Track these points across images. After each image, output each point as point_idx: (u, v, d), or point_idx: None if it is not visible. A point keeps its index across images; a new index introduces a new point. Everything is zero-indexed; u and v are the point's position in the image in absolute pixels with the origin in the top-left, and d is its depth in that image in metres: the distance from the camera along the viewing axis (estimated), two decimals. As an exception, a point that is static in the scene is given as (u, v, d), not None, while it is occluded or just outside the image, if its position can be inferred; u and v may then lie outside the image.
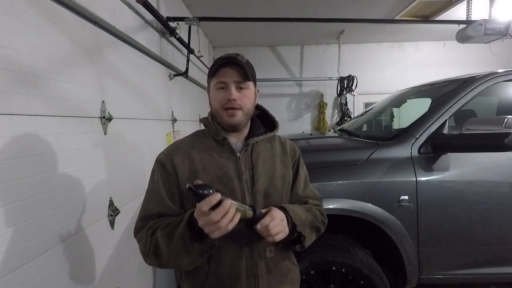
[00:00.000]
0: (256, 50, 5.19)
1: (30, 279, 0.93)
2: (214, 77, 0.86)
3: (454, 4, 3.38)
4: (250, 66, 0.88)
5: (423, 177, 1.60)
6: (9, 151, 0.88)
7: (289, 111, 5.35)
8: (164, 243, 0.75)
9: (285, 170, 0.95)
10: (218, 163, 0.87)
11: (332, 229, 1.78)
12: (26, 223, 0.92)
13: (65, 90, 1.15)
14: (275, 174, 0.92)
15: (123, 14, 1.75)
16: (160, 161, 0.89)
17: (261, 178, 0.89)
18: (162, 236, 0.76)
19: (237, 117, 0.86)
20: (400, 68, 5.30)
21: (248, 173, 0.88)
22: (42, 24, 1.05)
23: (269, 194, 0.89)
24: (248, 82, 0.87)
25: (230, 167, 0.87)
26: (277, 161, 0.94)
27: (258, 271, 0.86)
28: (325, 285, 1.63)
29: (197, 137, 0.95)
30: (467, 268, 1.68)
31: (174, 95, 2.73)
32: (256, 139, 0.91)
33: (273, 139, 0.99)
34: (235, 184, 0.86)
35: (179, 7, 3.11)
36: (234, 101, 0.84)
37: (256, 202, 0.87)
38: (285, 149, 0.99)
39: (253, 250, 0.86)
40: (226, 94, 0.85)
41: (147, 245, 0.79)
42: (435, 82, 2.20)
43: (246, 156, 0.89)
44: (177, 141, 0.96)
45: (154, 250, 0.77)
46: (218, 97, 0.86)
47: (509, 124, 1.41)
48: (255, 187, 0.87)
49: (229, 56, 0.86)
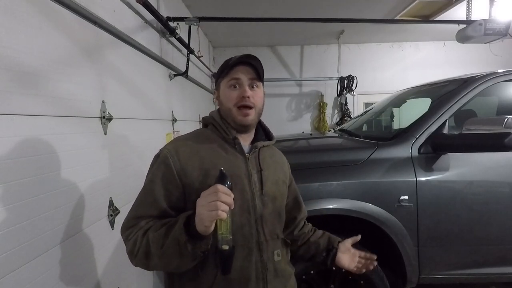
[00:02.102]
0: (256, 50, 5.18)
1: (30, 279, 0.93)
2: (227, 76, 0.86)
3: (454, 4, 3.38)
4: (261, 66, 0.87)
5: (423, 177, 1.60)
6: (9, 151, 0.88)
7: (289, 111, 5.34)
8: (156, 245, 0.72)
9: (284, 178, 0.98)
10: (228, 161, 0.84)
11: (332, 229, 1.79)
12: (26, 223, 0.92)
13: (65, 90, 1.15)
14: (279, 180, 0.93)
15: (123, 14, 1.75)
16: (163, 156, 0.82)
17: (268, 181, 0.89)
18: (154, 237, 0.73)
19: (250, 117, 0.85)
20: (400, 68, 5.29)
21: (256, 175, 0.87)
22: (42, 24, 1.05)
23: (276, 197, 0.90)
24: (259, 82, 0.87)
25: (241, 167, 0.85)
26: (278, 168, 0.96)
27: (267, 275, 0.85)
28: (325, 285, 1.63)
29: (203, 134, 0.90)
30: (467, 268, 1.68)
31: (174, 95, 2.73)
32: (263, 143, 0.92)
33: (272, 148, 1.00)
34: (245, 184, 0.84)
35: (179, 7, 3.11)
36: (248, 99, 0.83)
37: (265, 204, 0.87)
38: (282, 159, 1.02)
39: (262, 252, 0.85)
40: (240, 91, 0.84)
41: (136, 245, 0.75)
42: (435, 82, 2.20)
43: (254, 158, 0.89)
44: (181, 137, 0.91)
45: (144, 251, 0.74)
46: (232, 95, 0.85)
47: (509, 124, 1.41)
48: (264, 189, 0.87)
49: (242, 55, 0.85)
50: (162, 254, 0.72)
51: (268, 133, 1.00)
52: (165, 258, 0.72)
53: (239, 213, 0.81)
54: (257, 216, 0.85)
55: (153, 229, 0.75)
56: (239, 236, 0.81)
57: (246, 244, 0.83)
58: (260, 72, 0.86)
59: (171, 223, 0.74)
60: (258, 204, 0.85)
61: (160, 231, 0.73)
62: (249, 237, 0.83)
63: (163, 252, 0.71)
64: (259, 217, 0.85)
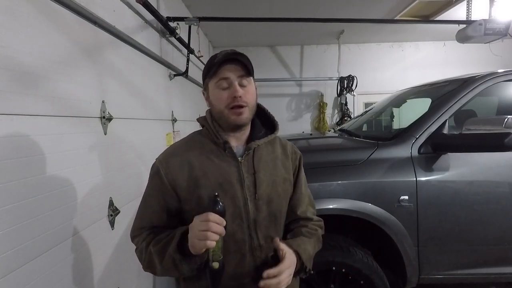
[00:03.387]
0: (256, 50, 5.19)
1: (30, 279, 0.93)
2: (215, 76, 0.82)
3: (454, 4, 3.38)
4: (249, 60, 0.83)
5: (423, 177, 1.60)
6: (9, 151, 0.88)
7: (289, 111, 5.34)
8: (157, 259, 0.78)
9: (286, 174, 0.92)
10: (219, 168, 0.83)
11: (332, 229, 1.79)
12: (26, 223, 0.92)
13: (65, 90, 1.15)
14: (277, 179, 0.89)
15: (123, 14, 1.75)
16: (155, 168, 0.84)
17: (263, 184, 0.85)
18: (155, 252, 0.78)
19: (244, 115, 0.82)
20: (400, 68, 5.29)
21: (250, 179, 0.84)
22: (42, 24, 1.05)
23: (271, 200, 0.87)
24: (250, 77, 0.83)
25: (232, 173, 0.83)
26: (278, 165, 0.91)
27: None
28: (325, 285, 1.63)
29: (195, 140, 0.89)
30: (467, 268, 1.68)
31: (174, 95, 2.73)
32: (258, 142, 0.87)
33: (274, 141, 0.95)
34: (237, 190, 0.83)
35: (179, 7, 3.11)
36: (240, 98, 0.80)
37: (258, 208, 0.84)
38: (286, 152, 0.95)
39: (256, 258, 0.85)
40: (231, 91, 0.80)
41: (142, 255, 0.82)
42: (435, 82, 2.20)
43: (247, 161, 0.85)
44: (174, 145, 0.91)
45: (148, 263, 0.81)
46: (222, 96, 0.81)
47: (509, 124, 1.41)
48: (257, 193, 0.84)
49: (227, 53, 0.80)
50: (162, 268, 0.78)
51: (272, 123, 0.94)
52: (165, 271, 0.79)
53: (230, 220, 0.80)
54: (250, 221, 0.83)
55: (153, 243, 0.80)
56: (231, 242, 0.81)
57: (238, 250, 0.83)
58: (249, 67, 0.81)
59: (167, 239, 0.78)
60: (252, 209, 0.83)
61: (159, 247, 0.78)
62: (241, 243, 0.83)
63: (162, 266, 0.78)
64: (252, 222, 0.84)
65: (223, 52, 0.81)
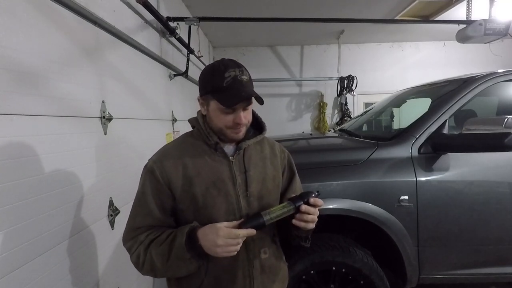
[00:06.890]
0: (256, 50, 5.18)
1: (30, 279, 0.93)
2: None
3: (454, 4, 3.38)
4: (252, 84, 0.86)
5: (423, 177, 1.60)
6: (9, 151, 0.88)
7: (289, 111, 5.34)
8: (160, 261, 0.79)
9: (275, 172, 0.97)
10: (212, 167, 0.87)
11: (332, 229, 1.79)
12: (26, 223, 0.92)
13: (65, 90, 1.15)
14: (267, 176, 0.93)
15: (123, 14, 1.75)
16: (150, 168, 0.86)
17: (254, 181, 0.90)
18: (158, 254, 0.79)
19: (241, 133, 0.87)
20: (400, 68, 5.29)
21: (241, 177, 0.88)
22: (42, 24, 1.05)
23: (262, 196, 0.91)
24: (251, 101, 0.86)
25: (224, 171, 0.87)
26: (267, 164, 0.96)
27: (253, 272, 0.89)
28: (325, 285, 1.63)
29: (187, 141, 0.92)
30: (467, 268, 1.68)
31: (174, 95, 2.73)
32: (248, 142, 0.91)
33: (262, 141, 0.99)
34: (229, 188, 0.87)
35: (179, 7, 3.11)
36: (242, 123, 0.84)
37: (250, 204, 0.89)
38: (274, 151, 1.00)
39: (249, 251, 0.89)
40: (236, 118, 0.82)
41: (140, 259, 0.81)
42: (435, 82, 2.20)
43: (238, 160, 0.90)
44: (166, 146, 0.93)
45: (150, 265, 0.80)
46: (226, 119, 0.83)
47: (509, 124, 1.41)
48: (248, 191, 0.88)
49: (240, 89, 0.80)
50: (168, 268, 0.79)
51: (259, 124, 0.97)
52: (171, 271, 0.81)
53: (224, 216, 0.85)
54: (242, 217, 0.86)
55: (154, 245, 0.80)
56: None
57: None
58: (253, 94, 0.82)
59: (170, 238, 0.80)
60: (244, 205, 0.87)
61: (162, 248, 0.79)
62: None
63: (168, 266, 0.79)
64: (245, 217, 0.87)
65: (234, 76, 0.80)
